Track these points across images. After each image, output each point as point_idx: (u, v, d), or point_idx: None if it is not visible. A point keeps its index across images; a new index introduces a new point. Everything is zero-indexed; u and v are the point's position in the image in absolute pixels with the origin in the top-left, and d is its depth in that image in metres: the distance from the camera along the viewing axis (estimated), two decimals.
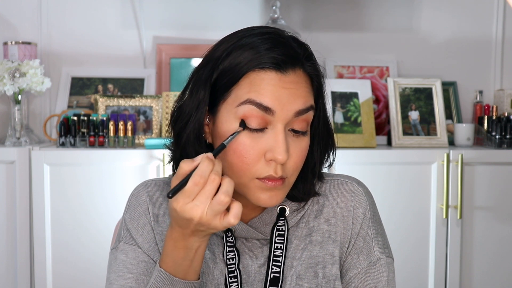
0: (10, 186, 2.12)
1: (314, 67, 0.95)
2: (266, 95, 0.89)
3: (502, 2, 2.63)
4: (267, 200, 0.92)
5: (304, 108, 0.91)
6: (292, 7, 2.58)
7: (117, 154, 2.13)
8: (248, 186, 0.92)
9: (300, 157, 0.93)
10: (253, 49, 0.90)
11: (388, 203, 2.17)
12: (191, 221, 0.84)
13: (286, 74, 0.90)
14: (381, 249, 1.02)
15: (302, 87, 0.91)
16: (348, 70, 2.57)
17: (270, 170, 0.90)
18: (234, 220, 0.83)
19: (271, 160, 0.89)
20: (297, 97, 0.90)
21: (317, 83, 0.95)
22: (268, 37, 0.92)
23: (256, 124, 0.89)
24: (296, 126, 0.91)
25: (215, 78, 0.92)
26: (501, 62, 2.66)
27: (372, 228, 1.03)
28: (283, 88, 0.89)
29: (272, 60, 0.89)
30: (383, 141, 2.46)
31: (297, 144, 0.92)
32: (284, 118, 0.89)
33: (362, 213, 1.02)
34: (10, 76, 2.21)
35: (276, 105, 0.89)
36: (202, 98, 0.93)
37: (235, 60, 0.90)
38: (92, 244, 2.10)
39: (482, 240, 2.24)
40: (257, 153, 0.90)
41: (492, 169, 2.24)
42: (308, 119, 0.93)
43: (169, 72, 2.51)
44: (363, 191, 1.04)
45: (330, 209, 1.03)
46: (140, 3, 2.52)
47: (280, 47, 0.90)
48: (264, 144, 0.90)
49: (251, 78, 0.89)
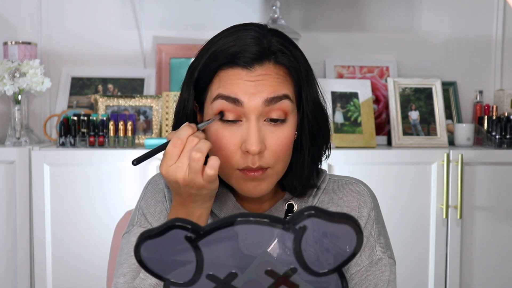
0: (10, 186, 2.12)
1: (289, 59, 0.95)
2: (232, 88, 0.92)
3: (502, 2, 2.63)
4: (252, 190, 0.95)
5: (273, 96, 0.93)
6: (292, 7, 2.58)
7: (117, 154, 2.13)
8: (232, 177, 0.96)
9: (280, 146, 0.94)
10: (221, 49, 0.94)
11: (388, 203, 2.17)
12: (178, 184, 0.89)
13: (252, 70, 0.93)
14: (383, 250, 1.03)
15: (272, 78, 0.93)
16: (348, 70, 2.57)
17: (247, 161, 0.93)
18: (210, 170, 0.87)
19: (247, 152, 0.92)
20: (265, 87, 0.92)
21: (297, 73, 0.96)
22: (237, 36, 0.95)
23: (230, 117, 0.93)
24: (272, 115, 0.94)
25: (196, 78, 0.97)
26: (501, 62, 2.66)
27: (376, 229, 1.03)
28: (250, 81, 0.92)
29: (237, 59, 0.92)
30: (383, 141, 2.46)
31: (274, 134, 0.94)
32: (253, 108, 0.92)
33: (367, 213, 1.03)
34: (10, 76, 2.21)
35: (243, 96, 0.92)
36: (186, 98, 0.98)
37: (207, 60, 0.95)
38: (92, 243, 2.10)
39: (482, 240, 2.24)
40: (234, 145, 0.93)
41: (492, 169, 2.24)
42: (283, 108, 0.94)
43: (169, 72, 2.51)
44: (368, 192, 1.06)
45: (336, 207, 1.04)
46: (140, 3, 2.52)
47: (247, 45, 0.93)
48: (239, 136, 0.93)
49: (220, 76, 0.94)
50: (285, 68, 0.95)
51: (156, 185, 1.08)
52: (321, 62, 2.57)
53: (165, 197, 1.05)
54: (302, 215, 0.58)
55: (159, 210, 1.04)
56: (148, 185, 1.09)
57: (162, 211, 1.04)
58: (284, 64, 0.95)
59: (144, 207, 1.06)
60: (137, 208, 1.07)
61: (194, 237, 0.59)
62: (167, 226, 0.59)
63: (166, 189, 1.06)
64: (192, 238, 0.59)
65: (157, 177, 1.09)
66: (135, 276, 0.99)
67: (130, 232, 1.05)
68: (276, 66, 0.94)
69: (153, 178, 1.10)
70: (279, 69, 0.94)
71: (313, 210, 0.58)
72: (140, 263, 0.62)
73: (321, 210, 0.58)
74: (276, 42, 0.95)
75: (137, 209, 1.07)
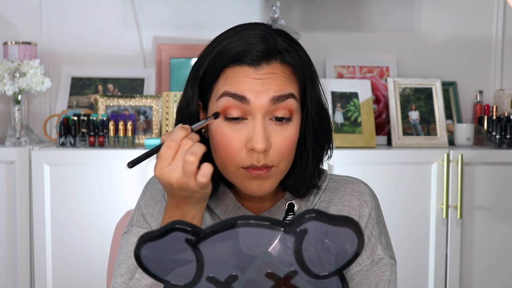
0: (10, 186, 2.12)
1: (295, 58, 0.96)
2: (239, 86, 0.92)
3: (502, 2, 2.63)
4: (255, 189, 0.95)
5: (279, 94, 0.93)
6: (292, 7, 2.58)
7: (117, 154, 2.13)
8: (236, 175, 0.95)
9: (285, 145, 0.94)
10: (228, 48, 0.94)
11: (388, 203, 2.16)
12: (171, 186, 0.88)
13: (259, 68, 0.93)
14: (384, 249, 1.03)
15: (278, 77, 0.93)
16: (348, 70, 2.57)
17: (252, 159, 0.93)
18: (202, 178, 0.86)
19: (252, 150, 0.92)
20: (271, 85, 0.92)
21: (302, 73, 0.97)
22: (243, 34, 0.95)
23: (235, 114, 0.93)
24: (278, 113, 0.94)
25: (201, 77, 0.97)
26: (501, 62, 2.66)
27: (377, 228, 1.04)
28: (257, 79, 0.92)
29: (245, 57, 0.92)
30: (383, 141, 2.46)
31: (279, 132, 0.94)
32: (260, 106, 0.92)
33: (368, 212, 1.04)
34: (10, 76, 2.21)
35: (249, 94, 0.92)
36: (191, 96, 0.98)
37: (213, 58, 0.95)
38: (92, 243, 2.10)
39: (482, 240, 2.24)
40: (239, 143, 0.93)
41: (492, 169, 2.24)
42: (289, 107, 0.94)
43: (169, 72, 2.51)
44: (369, 191, 1.06)
45: (337, 206, 1.04)
46: (140, 3, 2.52)
47: (254, 43, 0.93)
48: (245, 134, 0.93)
49: (227, 73, 0.94)
50: (291, 67, 0.95)
51: (156, 185, 1.08)
52: (321, 62, 2.57)
53: (164, 197, 1.05)
54: (303, 218, 0.58)
55: (158, 210, 1.04)
56: (148, 185, 1.10)
57: (161, 211, 1.04)
58: (290, 63, 0.95)
59: (143, 207, 1.06)
60: (137, 208, 1.07)
61: (194, 240, 0.59)
62: (167, 228, 0.59)
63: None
64: (192, 241, 0.59)
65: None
66: (133, 276, 0.99)
67: (129, 232, 1.05)
68: (282, 65, 0.94)
69: (153, 178, 1.10)
70: (285, 68, 0.95)
71: (314, 213, 0.58)
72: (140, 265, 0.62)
73: (322, 213, 0.58)
74: (282, 42, 0.96)
75: (136, 209, 1.07)
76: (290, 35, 1.00)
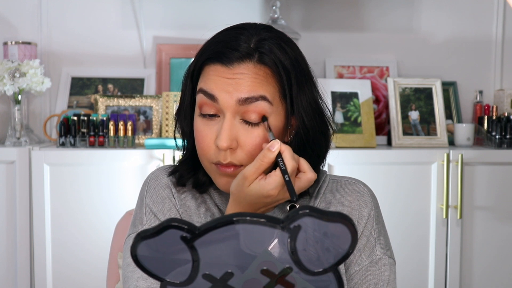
0: (10, 186, 2.12)
1: (274, 59, 0.93)
2: (210, 84, 0.94)
3: (502, 2, 2.63)
4: (224, 185, 0.97)
5: (247, 96, 0.92)
6: (292, 7, 2.58)
7: (117, 154, 2.13)
8: (209, 170, 0.98)
9: (254, 145, 0.94)
10: (208, 45, 0.97)
11: (388, 203, 2.17)
12: (268, 197, 0.90)
13: (231, 68, 0.93)
14: (383, 249, 1.03)
15: (249, 77, 0.93)
16: (348, 70, 2.57)
17: (219, 156, 0.94)
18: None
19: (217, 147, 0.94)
20: (241, 86, 0.93)
21: (286, 74, 0.94)
22: (226, 33, 0.97)
23: (208, 111, 0.95)
24: (247, 116, 0.94)
25: (192, 72, 1.00)
26: (501, 62, 2.66)
27: (376, 229, 1.04)
28: (227, 78, 0.93)
29: (216, 55, 0.94)
30: (383, 141, 2.46)
31: (249, 132, 0.94)
32: (227, 106, 0.93)
33: (367, 213, 1.04)
34: (10, 76, 2.21)
35: (218, 93, 0.93)
36: (184, 89, 1.02)
37: (198, 55, 0.99)
38: (92, 244, 2.10)
39: (482, 240, 2.24)
40: (209, 139, 0.95)
41: (492, 169, 2.24)
42: (259, 109, 0.93)
43: (169, 72, 2.51)
44: (368, 192, 1.06)
45: (337, 207, 1.04)
46: (140, 3, 2.52)
47: (230, 43, 0.94)
48: (214, 130, 0.95)
49: (205, 71, 0.96)
50: (267, 69, 0.93)
51: (159, 180, 1.06)
52: (321, 62, 2.57)
53: (172, 193, 1.04)
54: (297, 214, 0.58)
55: (167, 207, 1.03)
56: (149, 180, 1.07)
57: (171, 208, 1.03)
58: (267, 65, 0.93)
59: (151, 204, 1.03)
60: (143, 206, 1.04)
61: (190, 237, 0.59)
62: (163, 226, 0.59)
63: (171, 184, 1.05)
64: (187, 238, 0.59)
65: (158, 171, 1.08)
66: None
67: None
68: (256, 66, 0.93)
69: (154, 173, 1.08)
70: (260, 69, 0.93)
71: (307, 209, 0.58)
72: (137, 263, 0.62)
73: (315, 209, 0.59)
74: (265, 42, 0.94)
75: (143, 207, 1.04)
76: (283, 34, 0.98)
